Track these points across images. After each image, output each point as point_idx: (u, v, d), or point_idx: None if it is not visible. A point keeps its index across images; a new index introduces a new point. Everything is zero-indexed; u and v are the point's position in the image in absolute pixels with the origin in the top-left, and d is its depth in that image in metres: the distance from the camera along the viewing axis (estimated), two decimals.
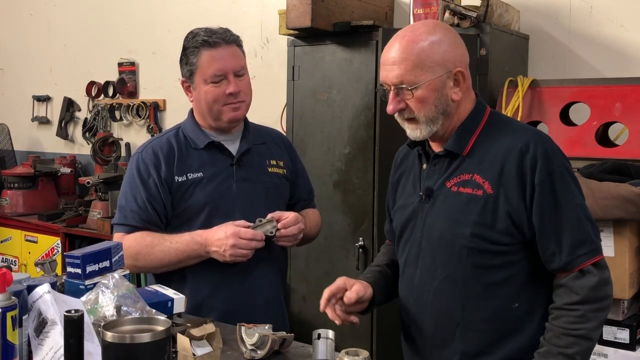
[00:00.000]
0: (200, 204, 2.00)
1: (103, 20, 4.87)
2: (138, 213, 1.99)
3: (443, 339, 1.63)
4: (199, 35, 1.99)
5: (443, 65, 1.58)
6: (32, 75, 5.36)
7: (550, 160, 1.54)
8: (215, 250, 1.90)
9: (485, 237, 1.56)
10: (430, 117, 1.60)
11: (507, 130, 1.62)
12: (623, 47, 2.98)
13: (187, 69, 2.02)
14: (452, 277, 1.60)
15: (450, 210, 1.60)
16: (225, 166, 2.05)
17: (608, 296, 1.54)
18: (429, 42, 1.58)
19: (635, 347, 2.28)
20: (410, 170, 1.76)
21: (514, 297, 1.58)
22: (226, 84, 1.98)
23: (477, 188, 1.57)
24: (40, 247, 4.33)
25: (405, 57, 1.57)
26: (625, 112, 2.61)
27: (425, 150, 1.71)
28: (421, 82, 1.56)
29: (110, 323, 1.26)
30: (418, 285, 1.67)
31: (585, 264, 1.52)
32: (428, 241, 1.64)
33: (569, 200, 1.54)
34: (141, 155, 2.05)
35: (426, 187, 1.66)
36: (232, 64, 1.98)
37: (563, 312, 1.52)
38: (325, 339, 1.51)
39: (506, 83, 2.84)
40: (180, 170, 2.02)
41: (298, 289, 3.32)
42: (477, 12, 2.76)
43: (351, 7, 3.14)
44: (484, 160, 1.59)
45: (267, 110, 3.85)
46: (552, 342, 1.51)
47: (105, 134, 4.70)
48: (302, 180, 2.24)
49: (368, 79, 3.02)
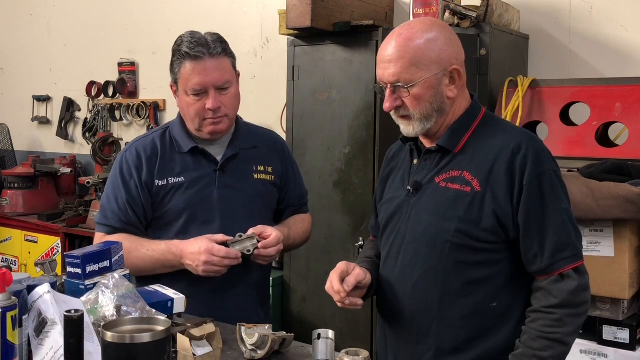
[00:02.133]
0: (178, 209, 1.97)
1: (103, 20, 4.88)
2: (118, 214, 1.98)
3: (419, 333, 1.63)
4: (184, 45, 1.93)
5: (439, 63, 1.58)
6: (32, 75, 5.36)
7: (540, 163, 1.55)
8: (189, 263, 1.88)
9: (469, 234, 1.56)
10: (424, 115, 1.60)
11: (500, 130, 1.63)
12: (623, 47, 2.98)
13: (172, 75, 1.99)
14: (433, 272, 1.60)
15: (437, 205, 1.60)
16: (208, 172, 2.01)
17: (586, 302, 1.55)
18: (425, 40, 1.58)
19: (635, 347, 2.28)
20: (401, 166, 1.77)
21: (493, 296, 1.58)
22: (206, 98, 1.93)
23: (466, 185, 1.57)
24: (40, 247, 4.33)
25: (402, 55, 1.57)
26: (625, 112, 2.61)
27: (418, 146, 1.72)
28: (417, 80, 1.57)
29: (110, 323, 1.25)
30: (397, 278, 1.67)
31: (565, 268, 1.52)
32: (412, 234, 1.64)
33: (555, 204, 1.54)
34: (125, 155, 2.03)
35: (415, 181, 1.66)
36: (214, 79, 1.91)
37: (540, 315, 1.52)
38: (325, 339, 1.50)
39: (506, 83, 2.84)
40: (162, 173, 1.99)
41: (298, 289, 3.32)
42: (477, 12, 2.76)
43: (351, 7, 3.14)
44: (475, 158, 1.59)
45: (267, 110, 3.86)
46: (527, 345, 1.52)
47: (105, 134, 4.70)
48: (293, 185, 2.18)
49: (368, 79, 3.02)
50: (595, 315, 2.32)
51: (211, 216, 1.98)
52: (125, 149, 2.07)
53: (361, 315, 3.05)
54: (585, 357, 2.33)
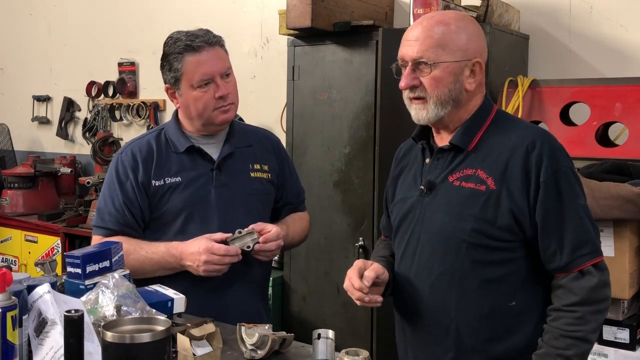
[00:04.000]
0: (176, 209, 1.98)
1: (103, 20, 4.88)
2: (115, 216, 1.97)
3: (438, 334, 1.62)
4: (181, 41, 1.94)
5: (465, 51, 1.59)
6: (32, 75, 5.36)
7: (556, 159, 1.54)
8: (189, 264, 1.88)
9: (486, 233, 1.55)
10: (441, 99, 1.59)
11: (514, 128, 1.62)
12: (623, 47, 2.98)
13: (171, 75, 1.98)
14: (449, 272, 1.59)
15: (451, 204, 1.59)
16: (205, 171, 2.01)
17: (607, 298, 1.54)
18: (456, 26, 1.60)
19: (635, 347, 2.28)
20: (412, 165, 1.75)
21: (511, 295, 1.58)
22: (214, 88, 1.94)
23: (480, 183, 1.56)
24: (40, 247, 4.33)
25: (430, 35, 1.58)
26: (625, 112, 2.61)
27: (429, 145, 1.70)
28: (441, 61, 1.57)
29: (110, 323, 1.25)
30: (414, 280, 1.66)
31: (585, 265, 1.52)
32: (427, 235, 1.63)
33: (572, 200, 1.54)
34: (120, 156, 2.03)
35: (428, 180, 1.65)
36: (218, 67, 1.95)
37: (561, 314, 1.52)
38: (325, 339, 1.50)
39: (506, 83, 2.84)
40: (158, 174, 1.99)
41: (298, 289, 3.32)
42: (477, 12, 2.76)
43: (351, 7, 3.14)
44: (489, 156, 1.58)
45: (267, 110, 3.86)
46: (550, 344, 1.51)
47: (105, 134, 4.70)
48: (290, 183, 2.18)
49: (368, 79, 3.02)
50: None
51: (209, 215, 1.98)
52: (120, 151, 2.07)
53: (361, 315, 3.05)
54: None
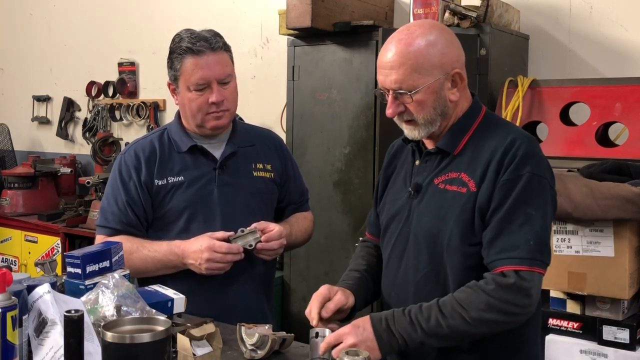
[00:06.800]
0: (179, 208, 1.98)
1: (103, 20, 4.88)
2: (118, 216, 1.98)
3: None
4: (184, 41, 1.94)
5: (441, 67, 1.57)
6: (32, 75, 5.36)
7: (524, 164, 1.52)
8: (191, 262, 1.88)
9: (464, 236, 1.55)
10: (428, 120, 1.60)
11: (499, 131, 1.61)
12: (623, 47, 2.98)
13: (171, 73, 1.99)
14: (434, 273, 1.60)
15: (436, 207, 1.60)
16: (207, 170, 2.01)
17: (518, 305, 1.47)
18: (426, 44, 1.56)
19: (635, 347, 2.28)
20: (403, 166, 1.76)
21: None
22: (209, 93, 1.93)
23: (462, 186, 1.57)
24: (40, 247, 4.33)
25: (403, 62, 1.55)
26: (625, 112, 2.61)
27: (419, 147, 1.71)
28: (420, 86, 1.56)
29: (110, 323, 1.25)
30: (401, 280, 1.67)
31: (506, 267, 1.48)
32: (415, 237, 1.64)
33: (520, 206, 1.50)
34: (124, 157, 2.04)
35: (415, 183, 1.66)
36: (216, 73, 1.93)
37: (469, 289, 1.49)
38: (322, 337, 1.51)
39: (506, 83, 2.84)
40: (161, 173, 1.99)
41: (298, 289, 3.32)
42: (477, 12, 2.76)
43: (351, 7, 3.14)
44: (473, 159, 1.59)
45: (267, 110, 3.86)
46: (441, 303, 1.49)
47: (105, 134, 4.71)
48: (293, 182, 2.19)
49: (368, 79, 3.02)
50: (595, 315, 2.32)
51: (212, 214, 1.98)
52: (123, 152, 2.07)
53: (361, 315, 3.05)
54: (585, 357, 2.33)
